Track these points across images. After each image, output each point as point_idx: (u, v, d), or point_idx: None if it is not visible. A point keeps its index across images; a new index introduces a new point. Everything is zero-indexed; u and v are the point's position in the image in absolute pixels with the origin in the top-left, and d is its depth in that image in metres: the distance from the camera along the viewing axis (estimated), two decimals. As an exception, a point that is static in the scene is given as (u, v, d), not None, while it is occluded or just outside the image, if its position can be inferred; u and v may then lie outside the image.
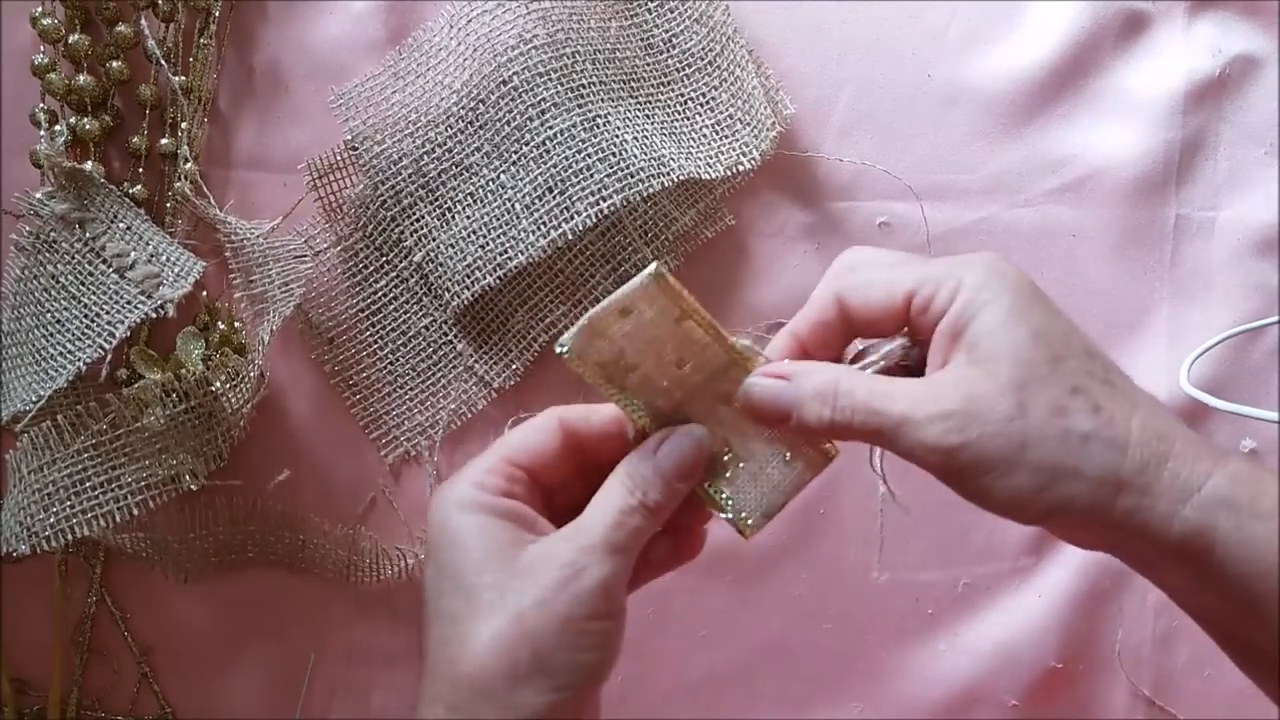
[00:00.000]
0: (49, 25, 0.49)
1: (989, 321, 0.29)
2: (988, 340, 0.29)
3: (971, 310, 0.29)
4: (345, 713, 0.51)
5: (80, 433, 0.43)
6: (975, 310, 0.29)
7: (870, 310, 0.31)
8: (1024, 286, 0.29)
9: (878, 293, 0.31)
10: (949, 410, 0.28)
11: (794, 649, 0.50)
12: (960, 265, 0.30)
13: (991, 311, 0.29)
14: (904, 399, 0.29)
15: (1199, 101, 0.51)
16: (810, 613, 0.50)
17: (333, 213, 0.50)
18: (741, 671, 0.50)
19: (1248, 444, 0.50)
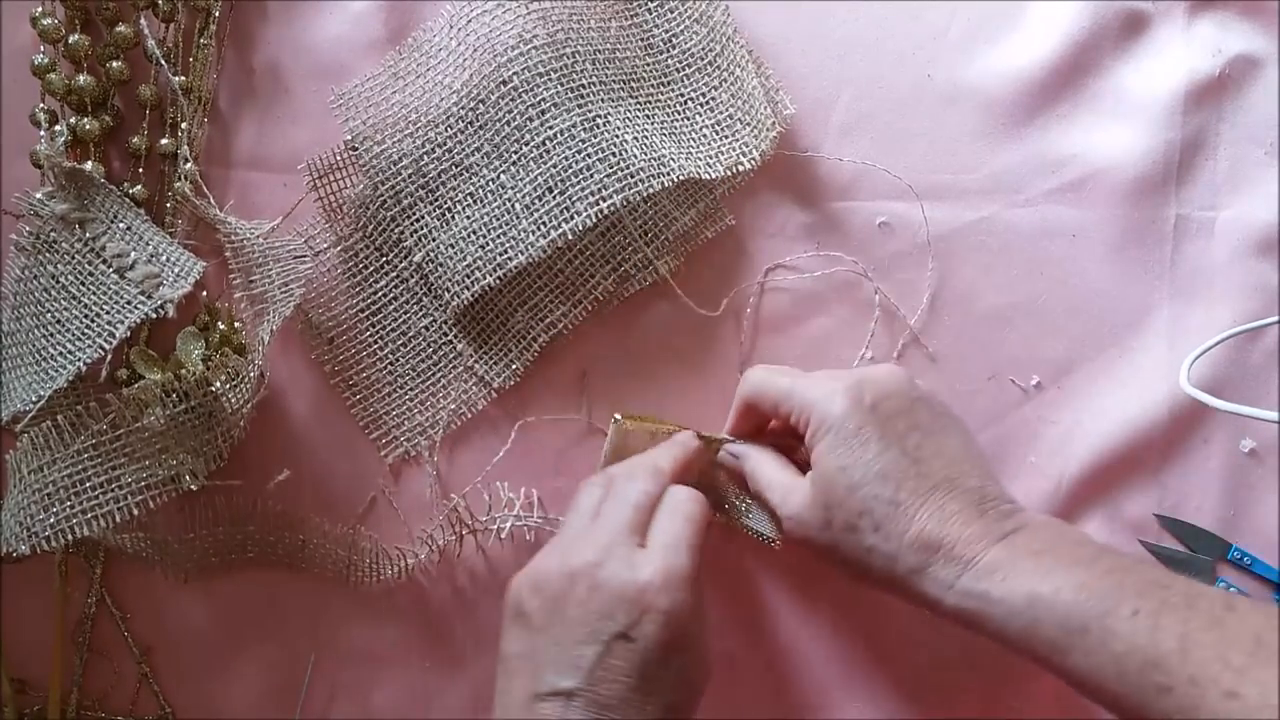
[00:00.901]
0: (49, 25, 0.49)
1: (818, 454, 0.41)
2: (816, 467, 0.41)
3: (812, 444, 0.41)
4: (345, 713, 0.51)
5: (80, 433, 0.43)
6: (813, 444, 0.41)
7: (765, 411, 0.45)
8: (847, 425, 0.40)
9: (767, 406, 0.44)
10: (791, 514, 0.42)
11: (793, 649, 0.50)
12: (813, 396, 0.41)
13: (820, 447, 0.41)
14: (779, 493, 0.43)
15: (1199, 101, 0.51)
16: (809, 612, 0.50)
17: (333, 213, 0.50)
18: (741, 671, 0.50)
19: (1248, 444, 0.50)
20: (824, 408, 0.41)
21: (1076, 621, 0.35)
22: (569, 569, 0.39)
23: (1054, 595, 0.36)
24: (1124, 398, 0.50)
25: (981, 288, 0.51)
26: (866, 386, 0.41)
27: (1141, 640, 0.34)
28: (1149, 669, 0.34)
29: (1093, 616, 0.35)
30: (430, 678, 0.51)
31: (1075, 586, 0.36)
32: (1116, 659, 0.34)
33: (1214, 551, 0.49)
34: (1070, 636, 0.35)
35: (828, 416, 0.41)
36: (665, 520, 0.40)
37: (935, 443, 0.41)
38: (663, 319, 0.51)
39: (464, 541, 0.50)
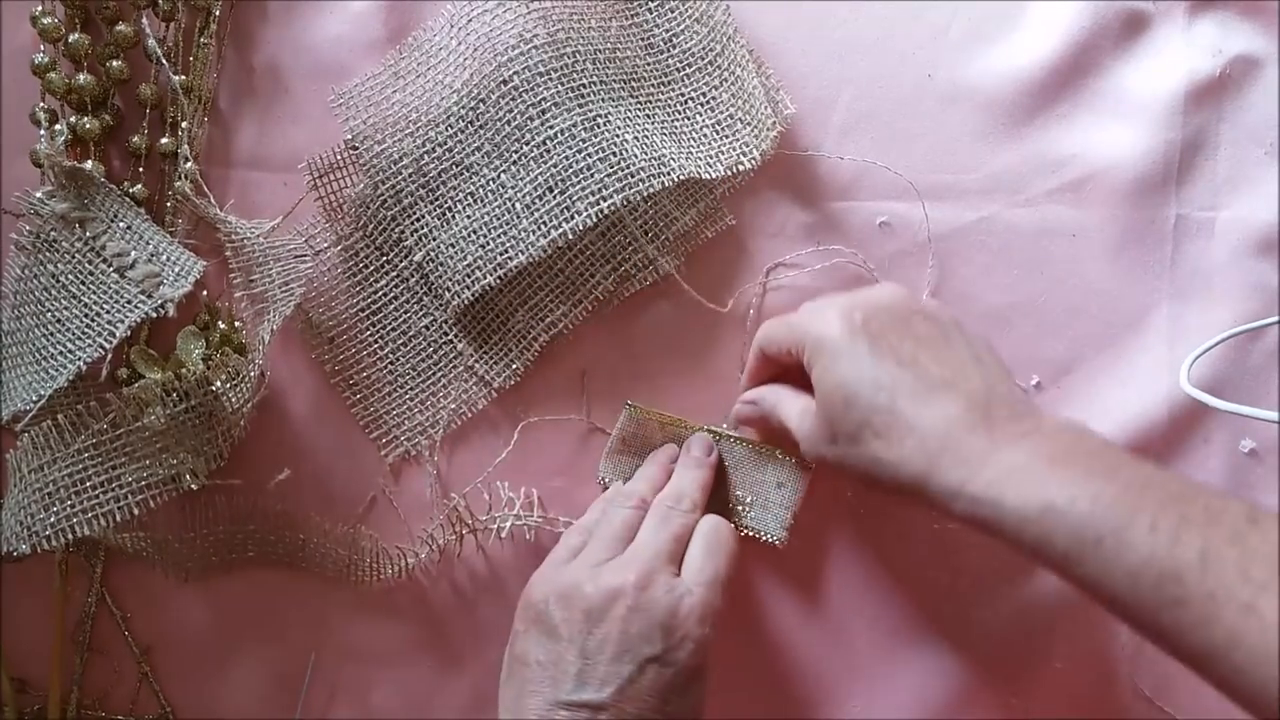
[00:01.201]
0: (49, 24, 0.49)
1: (816, 375, 0.41)
2: (816, 389, 0.41)
3: (811, 367, 0.42)
4: (345, 712, 0.51)
5: (80, 432, 0.43)
6: (812, 368, 0.41)
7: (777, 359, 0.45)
8: (840, 343, 0.40)
9: (775, 351, 0.45)
10: (804, 436, 0.42)
11: (793, 649, 0.50)
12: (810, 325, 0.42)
13: (816, 368, 0.41)
14: (795, 418, 0.43)
15: (1199, 101, 0.51)
16: (809, 612, 0.50)
17: (333, 212, 0.50)
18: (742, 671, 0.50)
19: (1248, 444, 0.50)
20: (818, 331, 0.41)
21: (1091, 533, 0.34)
22: (608, 587, 0.40)
23: (1069, 506, 0.34)
24: (1124, 398, 0.50)
25: (981, 287, 0.51)
26: (859, 305, 0.42)
27: (1160, 554, 0.33)
28: (1166, 582, 0.32)
29: (1108, 530, 0.34)
30: (430, 677, 0.51)
31: (1091, 497, 0.34)
32: (1131, 572, 0.33)
33: (1214, 551, 0.49)
34: (1084, 548, 0.34)
35: (821, 338, 0.41)
36: (704, 553, 0.42)
37: (933, 350, 0.40)
38: (663, 318, 0.51)
39: (464, 541, 0.50)
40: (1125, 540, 0.33)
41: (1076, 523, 0.34)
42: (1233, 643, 0.31)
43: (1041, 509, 0.35)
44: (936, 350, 0.40)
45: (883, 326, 0.41)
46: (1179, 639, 0.32)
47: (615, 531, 0.43)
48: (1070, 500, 0.35)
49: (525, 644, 0.41)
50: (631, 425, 0.48)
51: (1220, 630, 0.31)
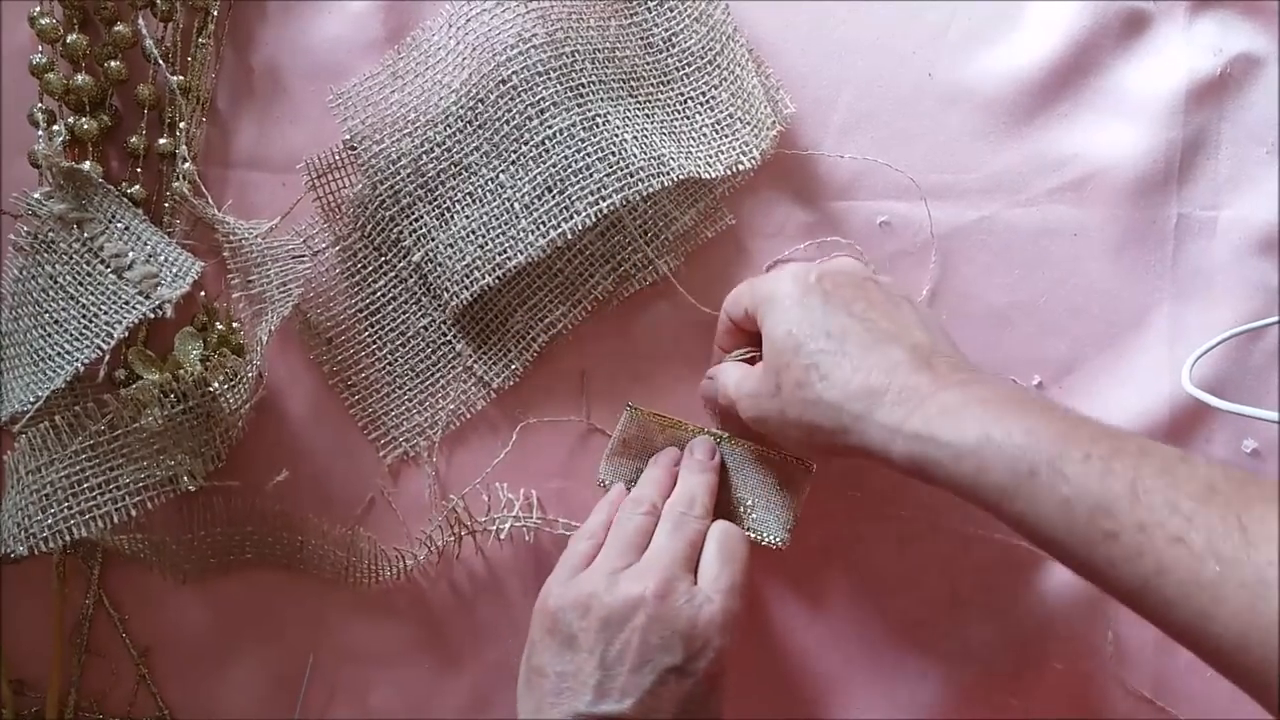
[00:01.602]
0: (47, 25, 0.49)
1: (768, 327, 0.42)
2: (766, 341, 0.42)
3: (762, 321, 0.42)
4: (344, 713, 0.51)
5: (78, 433, 0.43)
6: (763, 321, 0.42)
7: (736, 319, 0.45)
8: (793, 295, 0.41)
9: (736, 311, 0.45)
10: (746, 391, 0.42)
11: (794, 649, 0.50)
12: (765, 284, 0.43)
13: (768, 320, 0.42)
14: (734, 381, 0.44)
15: (1200, 101, 0.51)
16: (809, 613, 0.50)
17: (331, 213, 0.50)
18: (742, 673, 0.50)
19: (1249, 444, 0.50)
20: (771, 287, 0.42)
21: (1025, 465, 0.34)
22: (627, 596, 0.40)
23: (1004, 438, 0.35)
24: (1125, 398, 0.50)
25: (982, 287, 0.51)
26: (814, 268, 0.43)
27: (1091, 484, 0.33)
28: (1097, 514, 0.33)
29: (1042, 460, 0.34)
30: (429, 678, 0.50)
31: (1025, 430, 0.35)
32: (1064, 504, 0.33)
33: (1215, 552, 0.49)
34: (1018, 480, 0.34)
35: (775, 291, 0.42)
36: (720, 560, 0.42)
37: (883, 310, 0.41)
38: (663, 319, 0.51)
39: (463, 542, 0.50)
40: (1059, 470, 0.34)
41: (1011, 454, 0.34)
42: (1161, 574, 0.31)
43: (977, 441, 0.35)
44: (886, 310, 0.41)
45: (837, 285, 0.42)
46: (1111, 573, 0.33)
47: (629, 538, 0.43)
48: (1006, 433, 0.35)
49: (542, 655, 0.40)
50: (633, 427, 0.48)
51: (1150, 562, 0.31)
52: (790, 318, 0.41)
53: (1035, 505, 0.34)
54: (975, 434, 0.35)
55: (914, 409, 0.37)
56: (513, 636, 0.50)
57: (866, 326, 0.40)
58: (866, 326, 0.40)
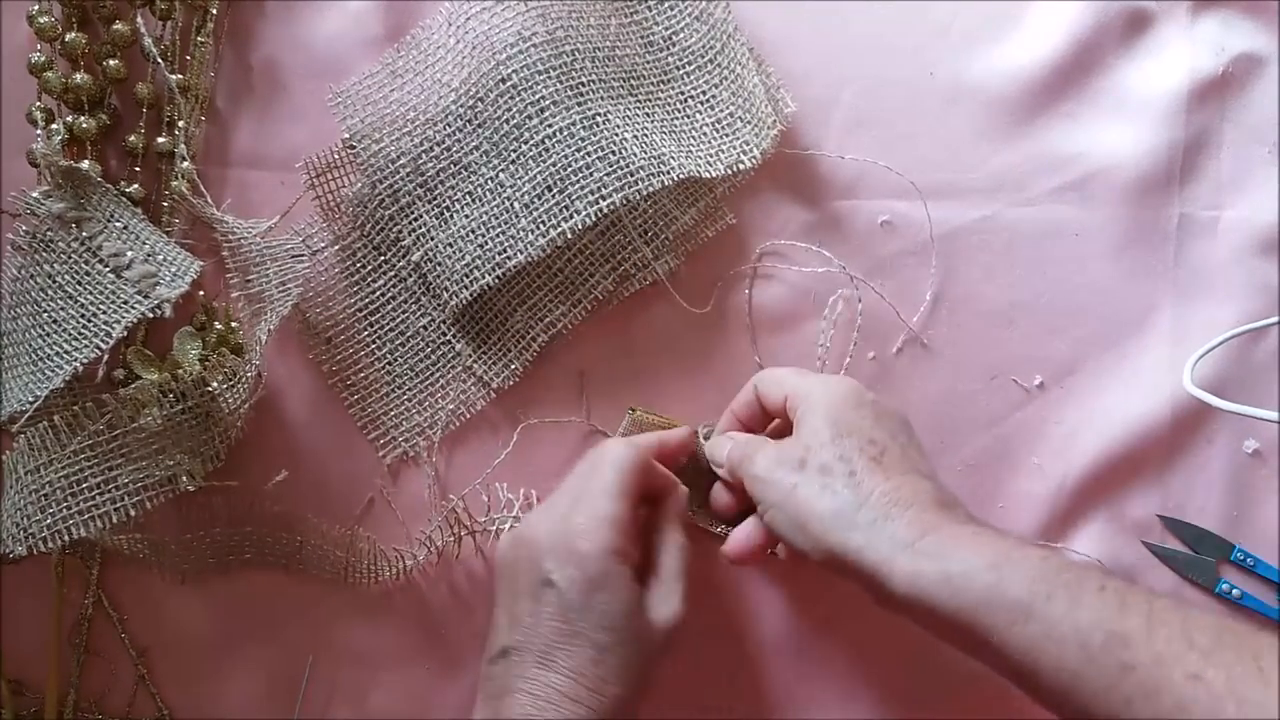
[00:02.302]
0: (46, 23, 0.49)
1: (813, 404, 0.42)
2: (807, 415, 0.42)
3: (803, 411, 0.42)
4: (343, 714, 0.50)
5: (77, 433, 0.43)
6: (805, 412, 0.42)
7: (767, 400, 0.45)
8: (848, 399, 0.42)
9: (773, 391, 0.45)
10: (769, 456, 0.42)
11: (796, 648, 0.50)
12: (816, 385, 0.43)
13: (814, 409, 0.42)
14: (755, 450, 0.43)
15: (1202, 100, 0.51)
16: (812, 611, 0.50)
17: (330, 212, 0.50)
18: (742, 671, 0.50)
19: (1250, 444, 0.50)
20: (825, 387, 0.43)
21: (1042, 587, 0.34)
22: (513, 538, 0.41)
23: (1022, 559, 0.35)
24: (1127, 398, 0.50)
25: (984, 287, 0.51)
26: (867, 392, 0.43)
27: (1108, 614, 0.33)
28: (1114, 644, 0.33)
29: (1059, 585, 0.34)
30: (428, 679, 0.50)
31: (1041, 558, 0.36)
32: (1080, 630, 0.33)
33: (1217, 552, 0.49)
34: (1035, 601, 0.34)
35: (829, 390, 0.42)
36: (589, 471, 0.42)
37: (920, 453, 0.42)
38: (663, 319, 0.51)
39: (462, 543, 0.49)
40: (1076, 597, 0.34)
41: (1029, 576, 0.35)
42: (1180, 712, 0.31)
43: (993, 563, 0.36)
44: (922, 454, 0.42)
45: (887, 413, 0.43)
46: (1125, 711, 0.32)
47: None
48: (1024, 557, 0.36)
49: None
50: (634, 429, 0.48)
51: (1168, 700, 0.31)
52: (838, 414, 0.41)
53: (1051, 629, 0.34)
54: (992, 555, 0.36)
55: (930, 530, 0.38)
56: (512, 637, 0.50)
57: (904, 454, 0.41)
58: (904, 454, 0.41)
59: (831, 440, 0.40)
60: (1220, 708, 0.30)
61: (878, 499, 0.38)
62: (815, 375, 0.45)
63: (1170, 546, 0.49)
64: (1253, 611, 0.49)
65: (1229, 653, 0.32)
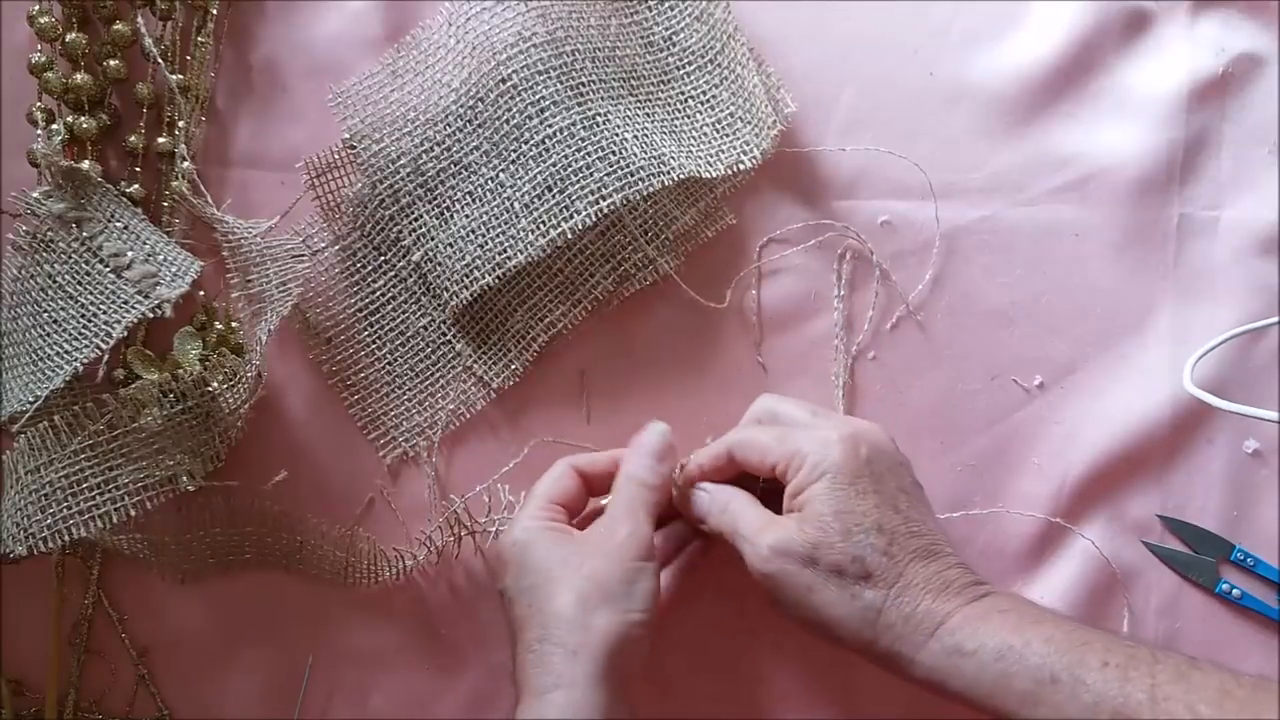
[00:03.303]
0: (46, 23, 0.49)
1: (813, 494, 0.40)
2: (810, 508, 0.40)
3: (804, 486, 0.41)
4: (343, 714, 0.50)
5: (77, 433, 0.43)
6: (806, 486, 0.41)
7: (749, 466, 0.44)
8: (845, 473, 0.41)
9: (754, 458, 0.43)
10: (771, 543, 0.40)
11: (796, 648, 0.50)
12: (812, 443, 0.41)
13: (816, 488, 0.40)
14: (755, 525, 0.42)
15: (1202, 100, 0.51)
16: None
17: (330, 212, 0.50)
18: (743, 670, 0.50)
19: (1250, 444, 0.50)
20: (820, 453, 0.41)
21: (1047, 672, 0.36)
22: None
23: (1024, 647, 0.37)
24: (1127, 398, 0.50)
25: (983, 287, 0.51)
26: (861, 439, 0.42)
27: (1112, 690, 0.35)
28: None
29: (1062, 667, 0.36)
30: (429, 679, 0.50)
31: (1044, 639, 0.37)
32: (1087, 710, 0.35)
33: (1217, 552, 0.49)
34: (1041, 688, 0.36)
35: (823, 462, 0.41)
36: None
37: (919, 510, 0.42)
38: (662, 319, 0.51)
39: (462, 543, 0.49)
40: (1079, 678, 0.36)
41: (1034, 663, 0.37)
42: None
43: (999, 652, 0.37)
44: (921, 510, 0.42)
45: (883, 470, 0.42)
46: None
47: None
48: (1026, 642, 0.37)
49: None
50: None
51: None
52: (840, 499, 0.40)
53: (1059, 711, 0.36)
54: (997, 644, 0.37)
55: (941, 621, 0.39)
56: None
57: (911, 530, 0.41)
58: (911, 530, 0.41)
59: (842, 538, 0.40)
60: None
61: (893, 599, 0.39)
62: (803, 439, 0.42)
63: (1170, 546, 0.49)
64: (1254, 613, 0.49)
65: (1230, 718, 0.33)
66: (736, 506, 0.43)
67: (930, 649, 0.38)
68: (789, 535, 0.40)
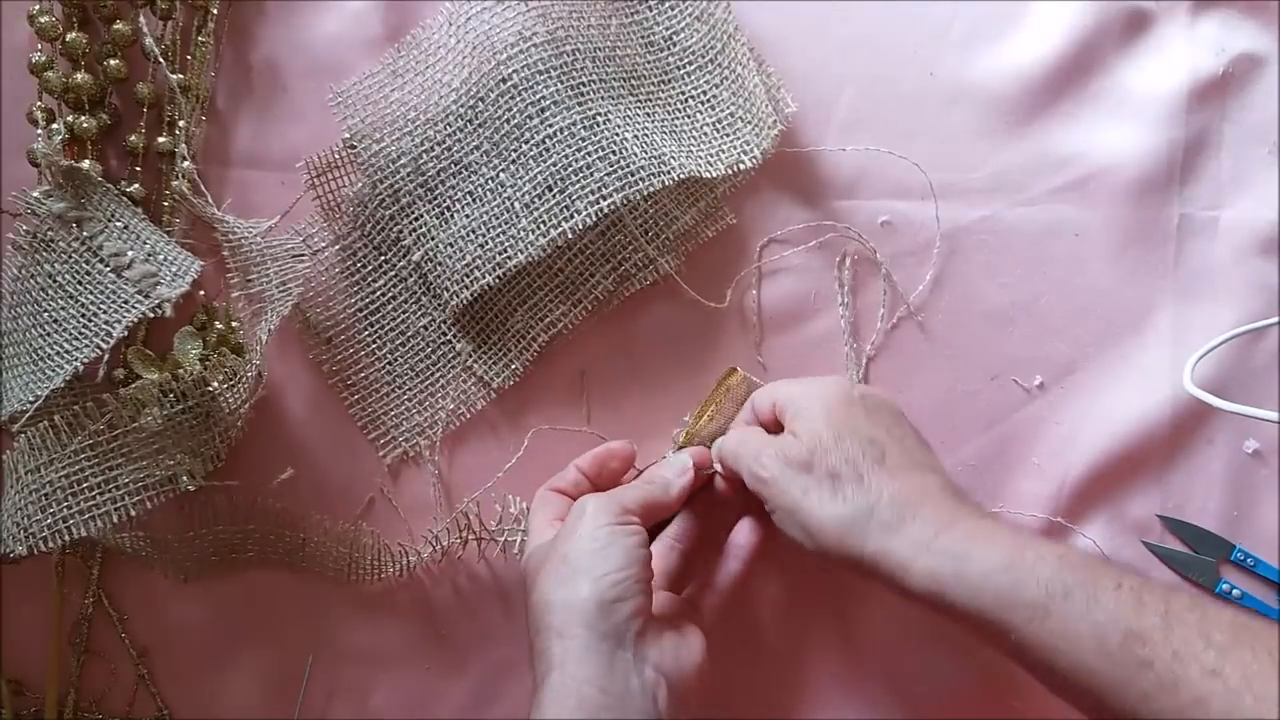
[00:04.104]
0: (47, 23, 0.49)
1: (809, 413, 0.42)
2: (803, 424, 0.42)
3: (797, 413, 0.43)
4: (343, 713, 0.50)
5: (77, 433, 0.43)
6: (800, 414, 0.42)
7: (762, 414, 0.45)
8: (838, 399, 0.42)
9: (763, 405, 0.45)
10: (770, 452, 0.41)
11: (796, 648, 0.50)
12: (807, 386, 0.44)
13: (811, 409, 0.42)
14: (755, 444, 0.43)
15: (1202, 100, 0.51)
16: (813, 612, 0.50)
17: (331, 211, 0.50)
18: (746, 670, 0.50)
19: (1251, 444, 0.50)
20: (816, 388, 0.44)
21: (1060, 585, 0.35)
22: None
23: (1037, 560, 0.36)
24: (1127, 398, 0.50)
25: (984, 287, 0.51)
26: (856, 386, 0.44)
27: (1125, 611, 0.34)
28: (1131, 641, 0.33)
29: (1076, 583, 0.35)
30: (430, 679, 0.50)
31: (1057, 556, 0.36)
32: (1097, 628, 0.34)
33: (1217, 552, 0.49)
34: (1053, 600, 0.35)
35: (819, 392, 0.43)
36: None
37: (916, 442, 0.43)
38: (662, 319, 0.51)
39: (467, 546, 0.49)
40: (1093, 595, 0.35)
41: (1047, 574, 0.35)
42: (1199, 707, 0.31)
43: (1011, 560, 0.36)
44: (919, 443, 0.43)
45: (877, 407, 0.43)
46: (1145, 708, 0.33)
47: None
48: (1039, 555, 0.36)
49: None
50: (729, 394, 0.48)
51: (1185, 694, 0.32)
52: (833, 416, 0.41)
53: (1069, 627, 0.34)
54: (1009, 553, 0.36)
55: (944, 528, 0.38)
56: (515, 638, 0.50)
57: (904, 449, 0.41)
58: (904, 449, 0.41)
59: (835, 443, 0.40)
60: (1238, 703, 0.31)
61: (888, 502, 0.39)
62: (805, 381, 0.45)
63: (1170, 546, 0.49)
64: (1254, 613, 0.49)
65: (1245, 650, 0.32)
66: (738, 434, 0.45)
67: (930, 554, 0.37)
68: (785, 442, 0.41)
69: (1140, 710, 0.33)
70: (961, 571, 0.36)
